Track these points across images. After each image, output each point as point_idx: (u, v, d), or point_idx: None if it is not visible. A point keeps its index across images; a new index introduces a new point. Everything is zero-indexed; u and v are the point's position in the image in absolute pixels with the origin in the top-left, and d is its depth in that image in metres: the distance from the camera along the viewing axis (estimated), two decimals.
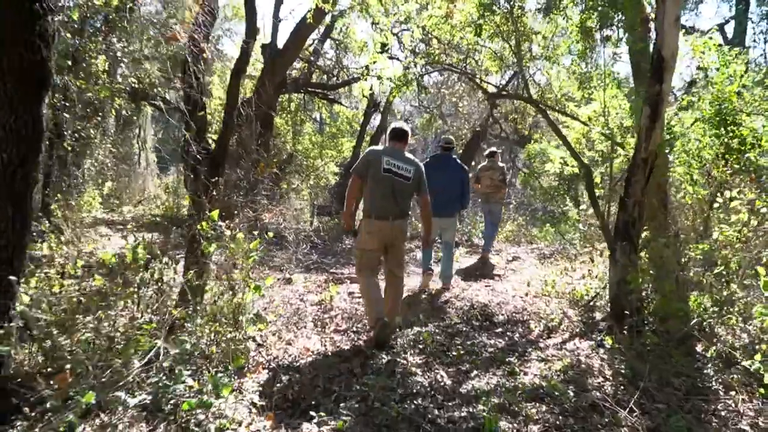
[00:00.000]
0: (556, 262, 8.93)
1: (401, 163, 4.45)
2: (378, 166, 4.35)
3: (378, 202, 4.37)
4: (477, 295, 6.37)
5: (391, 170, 4.38)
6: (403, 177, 4.43)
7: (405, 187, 4.47)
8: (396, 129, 4.71)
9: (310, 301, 5.96)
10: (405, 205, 4.54)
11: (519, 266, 8.65)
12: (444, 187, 6.40)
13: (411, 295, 6.50)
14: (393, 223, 4.42)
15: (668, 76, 4.56)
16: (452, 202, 6.68)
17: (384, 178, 4.35)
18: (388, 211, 4.38)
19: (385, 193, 4.36)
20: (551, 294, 6.42)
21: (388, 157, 4.41)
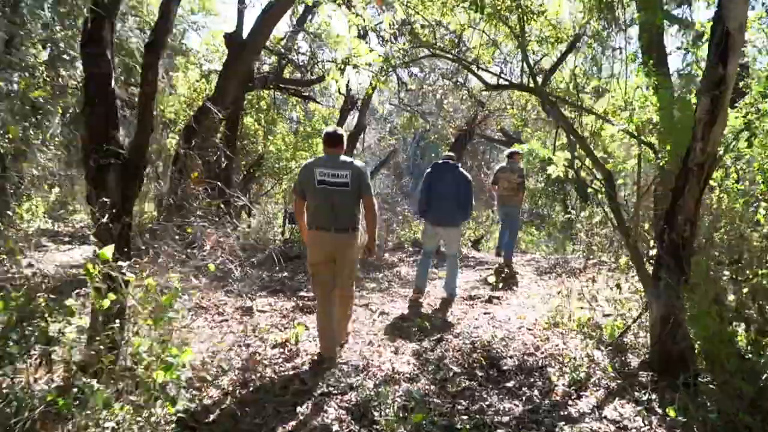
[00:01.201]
0: (558, 277, 7.88)
1: (336, 170, 4.25)
2: (312, 179, 4.23)
3: (317, 214, 4.28)
4: (476, 327, 5.25)
5: (325, 181, 4.22)
6: (339, 185, 4.24)
7: (344, 195, 4.26)
8: (327, 134, 4.48)
9: (271, 341, 4.78)
10: (347, 215, 4.29)
11: (519, 281, 7.55)
12: (446, 196, 6.18)
13: (400, 319, 5.39)
14: (335, 234, 4.24)
15: (734, 57, 3.48)
16: (455, 212, 6.30)
17: (319, 190, 4.23)
18: (328, 222, 4.24)
19: (323, 205, 4.23)
20: (563, 323, 5.32)
21: (320, 168, 4.26)
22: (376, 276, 7.88)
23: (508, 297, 6.70)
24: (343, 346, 4.63)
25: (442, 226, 6.29)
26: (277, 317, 5.64)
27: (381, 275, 7.96)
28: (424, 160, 35.64)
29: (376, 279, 7.68)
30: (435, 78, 15.81)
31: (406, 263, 8.86)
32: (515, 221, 8.79)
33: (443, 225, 6.29)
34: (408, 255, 9.52)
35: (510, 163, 8.54)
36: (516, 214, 8.79)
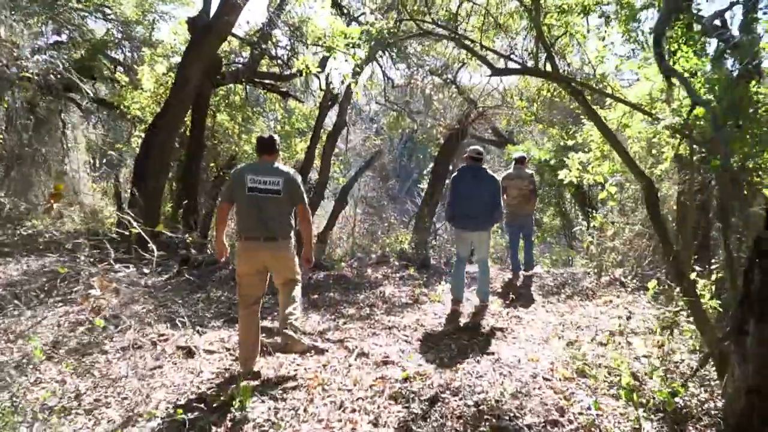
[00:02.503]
0: (567, 300, 6.78)
1: (268, 177, 4.14)
2: (242, 186, 4.12)
3: (246, 223, 4.16)
4: (480, 377, 4.11)
5: (255, 188, 4.11)
6: (270, 192, 4.13)
7: (276, 203, 4.15)
8: (260, 140, 4.35)
9: (210, 398, 3.62)
10: (278, 224, 4.16)
11: (523, 308, 6.42)
12: (475, 200, 5.95)
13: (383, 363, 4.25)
14: (263, 244, 4.12)
15: None
16: (485, 216, 6.04)
17: (249, 197, 4.11)
18: (258, 231, 4.12)
19: (253, 213, 4.12)
20: (588, 369, 4.20)
21: (251, 174, 4.14)
22: (355, 298, 6.72)
23: (514, 327, 5.57)
24: (289, 346, 4.12)
25: (470, 231, 6.08)
26: (228, 360, 4.47)
27: (362, 296, 6.80)
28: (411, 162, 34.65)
29: (356, 302, 6.51)
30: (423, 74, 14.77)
31: (392, 281, 7.70)
32: (530, 229, 8.24)
33: (473, 229, 6.07)
34: (394, 270, 8.36)
35: (517, 168, 7.91)
36: (531, 224, 8.29)
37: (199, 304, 6.12)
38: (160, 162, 8.96)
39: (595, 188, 12.38)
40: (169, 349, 4.63)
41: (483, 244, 6.29)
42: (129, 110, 13.21)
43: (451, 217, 6.24)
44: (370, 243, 11.14)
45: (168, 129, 8.88)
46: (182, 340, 4.83)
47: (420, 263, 8.78)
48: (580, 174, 6.28)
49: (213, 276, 7.42)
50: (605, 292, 6.95)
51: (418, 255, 8.99)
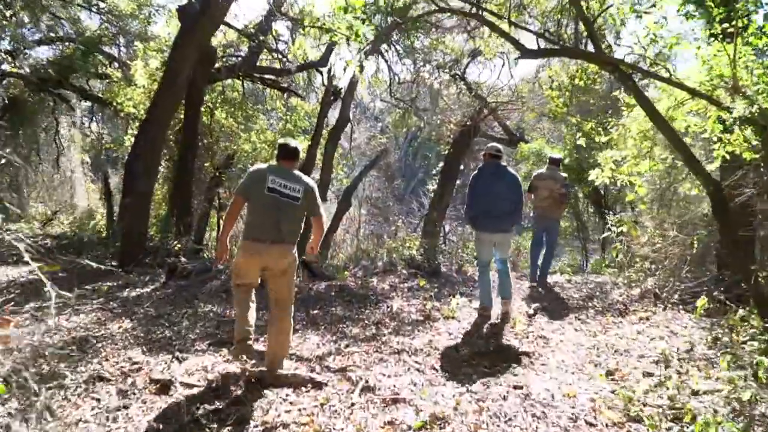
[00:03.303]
0: (598, 316, 6.06)
1: (289, 182, 4.07)
2: (262, 184, 4.00)
3: (257, 223, 4.03)
4: (508, 420, 3.40)
5: (276, 189, 4.01)
6: (290, 197, 4.06)
7: (292, 209, 4.08)
8: (284, 147, 4.26)
9: None
10: (289, 230, 4.09)
11: (549, 326, 5.70)
12: (496, 200, 5.72)
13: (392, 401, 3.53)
14: (271, 246, 4.00)
15: None
16: (507, 216, 5.79)
17: (267, 197, 4.00)
18: (266, 233, 4.00)
19: (268, 214, 3.99)
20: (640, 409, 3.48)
21: (273, 175, 4.04)
22: (359, 314, 6.01)
23: (541, 351, 4.86)
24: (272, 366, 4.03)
25: (491, 232, 5.82)
26: (208, 397, 3.76)
27: (367, 312, 6.09)
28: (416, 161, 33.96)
29: (360, 319, 5.81)
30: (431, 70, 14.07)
31: (400, 293, 6.99)
32: (555, 235, 7.95)
33: (494, 231, 5.81)
34: (402, 280, 7.64)
35: (551, 169, 7.54)
36: (557, 229, 8.00)
37: (183, 322, 5.42)
38: (151, 159, 8.27)
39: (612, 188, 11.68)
40: (141, 382, 3.93)
41: (505, 245, 6.06)
42: (122, 107, 12.54)
43: (471, 218, 5.93)
44: (376, 248, 10.43)
45: (158, 124, 8.20)
46: (158, 369, 4.14)
47: (430, 271, 8.08)
48: (613, 174, 5.56)
49: (203, 287, 6.73)
50: (638, 306, 6.24)
51: (427, 262, 8.28)
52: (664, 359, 4.49)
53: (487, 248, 5.95)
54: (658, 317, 5.75)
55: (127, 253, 8.23)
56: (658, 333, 5.28)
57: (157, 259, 8.12)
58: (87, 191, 19.51)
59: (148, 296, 6.37)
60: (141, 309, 5.80)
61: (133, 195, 8.29)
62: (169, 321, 5.42)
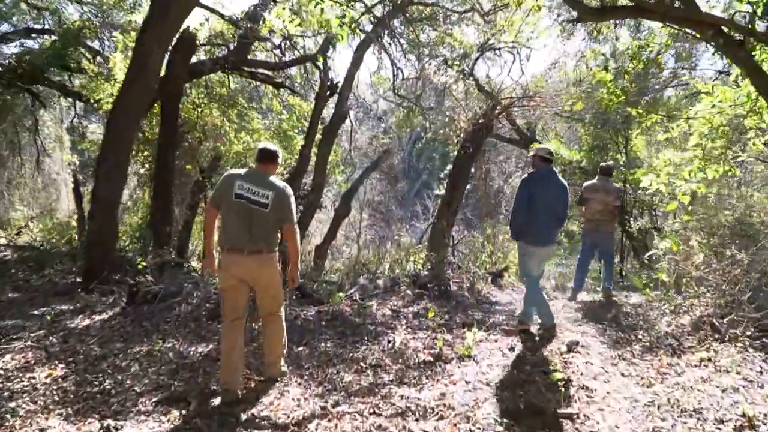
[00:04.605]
0: (647, 354, 4.94)
1: (258, 188, 3.92)
2: (230, 191, 3.89)
3: (230, 232, 3.91)
4: None
5: (243, 195, 3.88)
6: (258, 204, 3.90)
7: (261, 216, 3.91)
8: (261, 150, 4.09)
9: None
10: (264, 238, 3.93)
11: (589, 369, 4.57)
12: (548, 210, 5.20)
13: None
14: (248, 257, 3.87)
15: None
16: (555, 228, 5.42)
17: (235, 204, 3.87)
18: (240, 242, 3.87)
19: (238, 221, 3.87)
20: None
21: (242, 181, 3.90)
22: (354, 352, 4.89)
23: (587, 411, 3.75)
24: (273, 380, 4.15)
25: (542, 246, 5.31)
26: None
27: (363, 349, 4.98)
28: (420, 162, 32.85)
29: (355, 360, 4.69)
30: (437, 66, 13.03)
31: (404, 321, 5.88)
32: (610, 249, 7.34)
33: (544, 244, 5.31)
34: (406, 303, 6.55)
35: (602, 180, 6.90)
36: (611, 243, 7.38)
37: (132, 366, 4.34)
38: (118, 159, 7.15)
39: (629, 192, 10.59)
40: None
41: (546, 260, 5.67)
42: (101, 104, 11.47)
43: (518, 230, 5.30)
44: (377, 259, 9.35)
45: (126, 117, 7.07)
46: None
47: (438, 291, 6.98)
48: (670, 180, 4.45)
49: (169, 314, 5.64)
50: (694, 341, 5.12)
51: (435, 281, 7.17)
52: (748, 424, 3.41)
53: (535, 262, 5.39)
54: (723, 358, 4.63)
55: (90, 268, 7.16)
56: (730, 382, 4.18)
57: (127, 275, 7.05)
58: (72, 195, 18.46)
59: (99, 327, 5.30)
60: (84, 347, 4.71)
61: (97, 201, 7.21)
62: (113, 365, 4.33)
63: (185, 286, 6.09)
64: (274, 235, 4.02)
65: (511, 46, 12.79)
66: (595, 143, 12.01)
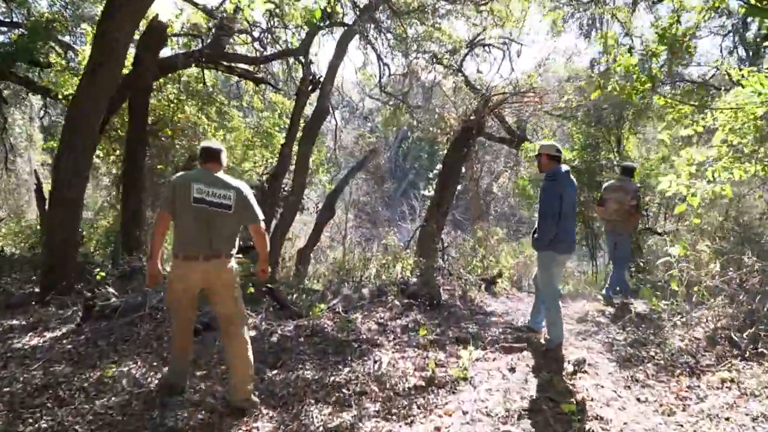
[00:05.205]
0: (661, 374, 4.45)
1: (217, 189, 3.66)
2: (187, 195, 3.59)
3: (187, 238, 3.63)
4: None
5: (203, 200, 3.61)
6: (220, 206, 3.66)
7: (224, 219, 3.68)
8: (206, 149, 3.84)
9: None
10: (223, 242, 3.70)
11: (600, 394, 4.05)
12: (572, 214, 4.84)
13: None
14: (205, 263, 3.61)
15: None
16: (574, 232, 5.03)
17: (195, 209, 3.59)
18: (198, 249, 3.61)
19: (196, 227, 3.60)
20: None
21: (198, 183, 3.62)
22: (335, 377, 4.32)
23: None
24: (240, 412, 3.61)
25: (570, 254, 5.10)
26: None
27: (346, 372, 4.42)
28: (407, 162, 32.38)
29: (336, 387, 4.12)
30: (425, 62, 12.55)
31: (391, 336, 5.34)
32: (626, 249, 6.97)
33: (571, 252, 5.06)
34: (394, 315, 6.01)
35: (621, 180, 6.79)
36: (627, 243, 7.01)
37: (78, 398, 3.74)
38: (78, 156, 6.50)
39: None
40: None
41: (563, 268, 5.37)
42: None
43: (552, 239, 4.79)
44: (362, 264, 8.80)
45: (86, 109, 6.44)
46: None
47: (428, 301, 6.45)
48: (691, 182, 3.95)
49: (130, 331, 5.05)
50: (711, 358, 4.63)
51: (425, 289, 6.65)
52: None
53: (560, 272, 5.15)
54: (747, 379, 4.15)
55: (49, 277, 6.55)
56: (760, 408, 3.70)
57: (89, 285, 6.45)
58: None
59: (47, 348, 4.69)
60: (25, 373, 4.11)
61: (55, 203, 6.59)
62: (55, 397, 3.73)
63: (150, 299, 5.50)
64: (235, 237, 3.80)
65: (501, 42, 12.36)
66: (587, 142, 11.66)
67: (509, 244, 12.10)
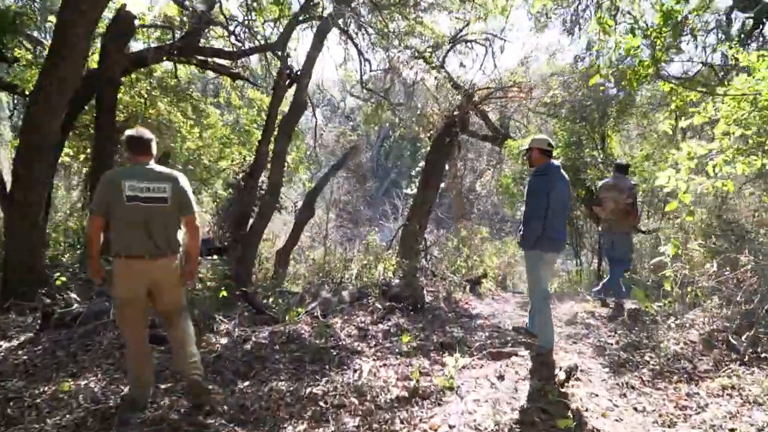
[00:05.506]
0: (657, 381, 4.22)
1: (151, 183, 3.45)
2: (119, 194, 3.38)
3: (126, 239, 3.42)
4: None
5: (137, 197, 3.40)
6: (157, 200, 3.45)
7: (163, 213, 3.49)
8: (135, 139, 3.54)
9: None
10: (167, 237, 3.53)
11: (595, 403, 3.80)
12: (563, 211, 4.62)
13: None
14: (151, 262, 3.45)
15: None
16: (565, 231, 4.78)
17: (129, 209, 3.39)
18: (141, 248, 3.42)
19: (136, 227, 3.41)
20: None
21: (130, 180, 3.40)
22: (311, 389, 4.00)
23: None
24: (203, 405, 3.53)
25: (559, 253, 4.87)
26: None
27: (323, 383, 4.11)
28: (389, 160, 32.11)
29: (312, 400, 3.81)
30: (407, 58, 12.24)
31: (374, 343, 5.04)
32: (625, 249, 6.69)
33: (560, 251, 4.92)
34: (376, 320, 5.71)
35: (616, 177, 6.66)
36: (626, 243, 6.72)
37: (28, 416, 3.39)
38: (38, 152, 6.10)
39: None
40: None
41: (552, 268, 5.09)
42: None
43: (537, 238, 4.54)
44: (343, 265, 8.50)
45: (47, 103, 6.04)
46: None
47: (411, 304, 6.17)
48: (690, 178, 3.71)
49: (91, 340, 4.69)
50: (708, 362, 4.42)
51: (407, 290, 6.37)
52: None
53: (547, 271, 4.81)
54: (749, 385, 3.93)
55: (9, 282, 6.15)
56: (764, 418, 3.47)
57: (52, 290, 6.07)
58: None
59: (0, 359, 4.32)
60: None
61: (15, 203, 6.19)
62: (2, 415, 3.38)
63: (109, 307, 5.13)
64: (176, 233, 3.62)
65: (484, 38, 12.12)
66: (571, 139, 11.53)
67: (492, 243, 11.90)
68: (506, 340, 5.17)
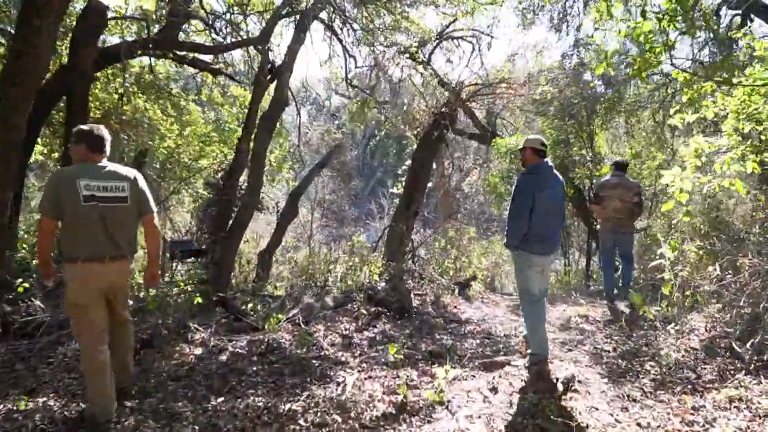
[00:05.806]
0: (660, 392, 3.97)
1: (108, 182, 3.32)
2: (74, 195, 3.19)
3: (84, 240, 3.26)
4: None
5: (93, 197, 3.25)
6: (115, 200, 3.34)
7: (122, 213, 3.39)
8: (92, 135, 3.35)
9: None
10: (126, 238, 3.43)
11: (595, 417, 3.54)
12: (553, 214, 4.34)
13: None
14: (111, 263, 3.34)
15: None
16: (558, 234, 4.57)
17: (85, 209, 3.22)
18: (100, 249, 3.30)
19: (93, 228, 3.27)
20: None
21: (86, 179, 3.23)
22: (290, 404, 3.69)
23: None
24: None
25: (548, 256, 4.48)
26: None
27: (303, 397, 3.81)
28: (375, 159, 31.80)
29: (290, 418, 3.51)
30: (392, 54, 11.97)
31: (359, 352, 4.75)
32: (630, 249, 6.66)
33: (549, 254, 4.50)
34: (360, 326, 5.43)
35: (618, 176, 6.55)
36: (631, 243, 6.69)
37: None
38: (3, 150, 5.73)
39: None
40: None
41: (548, 271, 4.66)
42: None
43: (520, 239, 4.33)
44: (327, 267, 8.20)
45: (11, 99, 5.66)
46: None
47: (398, 309, 5.89)
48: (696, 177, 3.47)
49: (54, 352, 4.35)
50: (712, 371, 4.18)
51: (394, 294, 6.09)
52: None
53: (540, 276, 4.47)
54: (757, 397, 3.70)
55: None
56: None
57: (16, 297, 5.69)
58: None
59: None
60: None
61: None
62: None
63: None
64: (135, 233, 3.57)
65: (471, 35, 11.88)
66: (559, 137, 11.35)
67: (479, 243, 11.68)
68: (498, 348, 4.91)
